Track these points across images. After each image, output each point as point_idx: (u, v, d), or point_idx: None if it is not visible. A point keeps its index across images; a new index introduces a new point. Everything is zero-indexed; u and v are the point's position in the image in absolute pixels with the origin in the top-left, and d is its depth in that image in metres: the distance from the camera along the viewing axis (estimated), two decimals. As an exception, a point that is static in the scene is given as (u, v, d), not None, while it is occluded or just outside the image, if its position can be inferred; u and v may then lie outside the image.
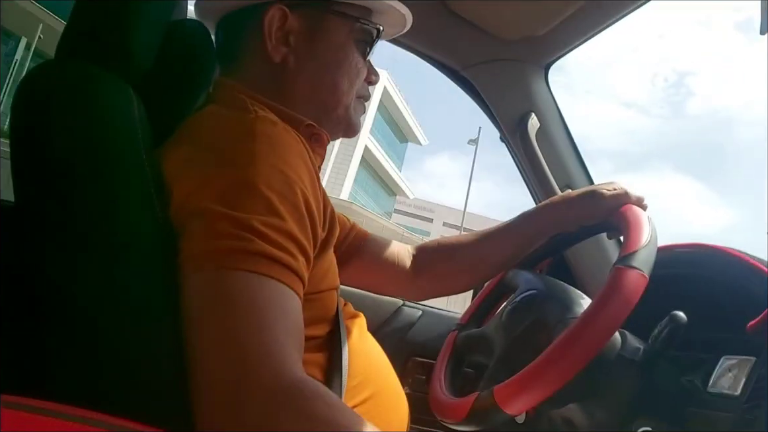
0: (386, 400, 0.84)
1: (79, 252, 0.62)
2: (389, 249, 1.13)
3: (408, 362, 1.36)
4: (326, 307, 0.81)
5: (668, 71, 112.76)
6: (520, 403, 0.74)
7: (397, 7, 0.92)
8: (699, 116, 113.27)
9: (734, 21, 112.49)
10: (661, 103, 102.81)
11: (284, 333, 0.59)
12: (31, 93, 0.66)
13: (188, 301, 0.61)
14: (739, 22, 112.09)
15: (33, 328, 0.62)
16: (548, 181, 1.36)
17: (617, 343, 0.80)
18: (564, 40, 1.27)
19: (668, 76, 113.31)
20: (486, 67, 1.34)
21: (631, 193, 0.95)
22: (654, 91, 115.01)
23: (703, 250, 0.97)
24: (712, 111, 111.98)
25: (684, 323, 0.77)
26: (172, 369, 0.60)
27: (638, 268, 0.75)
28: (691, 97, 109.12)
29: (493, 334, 0.93)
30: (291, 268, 0.63)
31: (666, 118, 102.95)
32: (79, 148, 0.63)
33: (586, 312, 0.75)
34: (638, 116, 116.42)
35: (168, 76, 0.77)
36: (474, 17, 1.21)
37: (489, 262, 1.09)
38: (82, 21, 0.70)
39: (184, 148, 0.71)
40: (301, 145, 0.74)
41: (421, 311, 1.45)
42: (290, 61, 0.85)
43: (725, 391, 0.76)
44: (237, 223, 0.62)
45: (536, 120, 1.35)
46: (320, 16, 0.87)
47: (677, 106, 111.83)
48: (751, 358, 0.76)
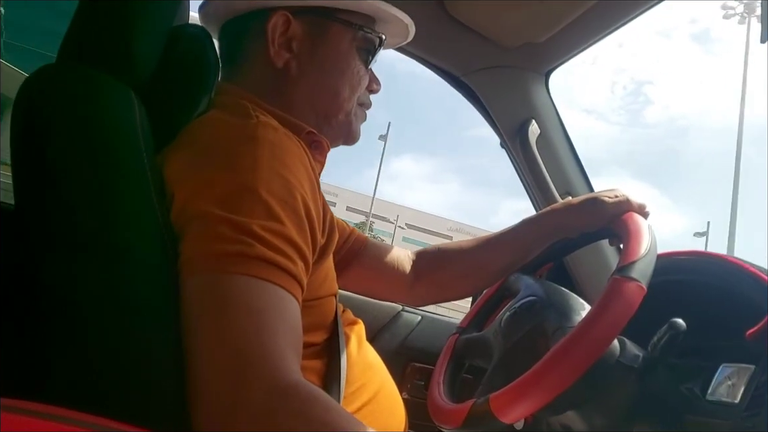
0: (384, 407, 0.84)
1: (80, 256, 0.62)
2: (389, 254, 1.13)
3: (407, 368, 1.36)
4: (325, 314, 0.81)
5: (627, 80, 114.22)
6: (516, 412, 0.74)
7: (400, 17, 0.92)
8: (656, 124, 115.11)
9: (691, 32, 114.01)
10: (619, 110, 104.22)
11: (283, 337, 0.60)
12: (32, 96, 0.66)
13: (187, 304, 0.61)
14: (695, 34, 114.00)
15: (33, 331, 0.62)
16: (548, 188, 1.36)
17: (616, 350, 0.80)
18: (564, 47, 1.27)
19: (627, 84, 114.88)
20: (486, 74, 1.34)
21: (632, 200, 0.94)
22: (613, 99, 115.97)
23: (703, 258, 0.97)
24: (669, 120, 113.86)
25: (683, 330, 0.77)
26: (172, 372, 0.60)
27: (636, 279, 0.75)
28: (649, 106, 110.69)
29: (492, 340, 0.93)
30: (290, 273, 0.64)
31: (624, 126, 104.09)
32: (80, 152, 0.63)
33: (582, 322, 0.75)
34: (598, 123, 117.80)
35: (170, 80, 0.77)
36: (475, 24, 1.22)
37: (489, 268, 1.08)
38: (84, 25, 0.70)
39: (185, 153, 0.71)
40: (302, 152, 0.74)
41: (421, 317, 1.46)
42: (292, 67, 0.86)
43: (724, 399, 0.76)
44: (237, 227, 0.62)
45: (536, 126, 1.35)
46: (324, 23, 0.87)
47: (635, 114, 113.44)
48: (750, 366, 0.76)
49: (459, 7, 1.17)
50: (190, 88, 0.78)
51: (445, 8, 1.18)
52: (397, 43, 1.02)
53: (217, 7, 0.89)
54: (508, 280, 1.05)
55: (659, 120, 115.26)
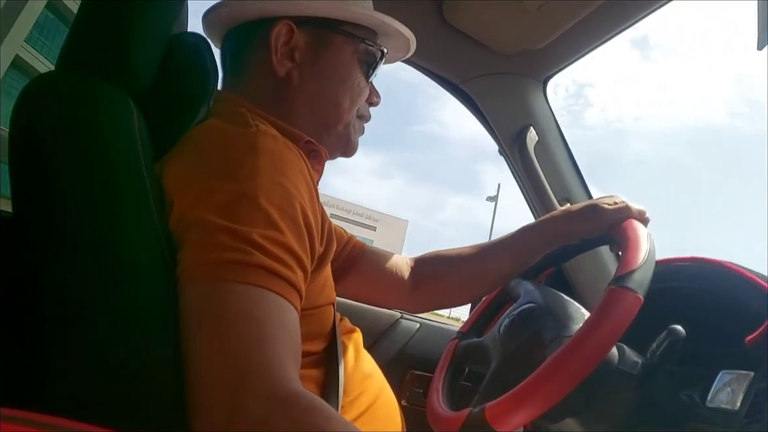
0: (382, 415, 0.83)
1: (78, 264, 0.62)
2: (387, 261, 1.13)
3: (405, 375, 1.36)
4: (323, 323, 0.80)
5: (569, 81, 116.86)
6: (511, 422, 0.73)
7: (402, 30, 0.93)
8: (595, 126, 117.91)
9: (630, 38, 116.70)
10: (561, 111, 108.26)
11: (282, 346, 0.59)
12: (30, 104, 0.66)
13: (186, 313, 0.61)
14: (635, 39, 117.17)
15: (32, 338, 0.62)
16: (547, 195, 1.36)
17: (615, 357, 0.80)
18: (562, 54, 1.28)
19: (569, 86, 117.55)
20: (484, 81, 1.35)
21: (632, 206, 0.94)
22: (555, 100, 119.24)
23: (702, 264, 0.97)
24: (606, 122, 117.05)
25: (682, 337, 0.76)
26: (171, 380, 0.60)
27: (633, 289, 0.75)
28: (589, 108, 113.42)
29: (491, 347, 0.93)
30: (289, 282, 0.63)
31: (566, 127, 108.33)
32: (78, 160, 0.63)
33: (578, 333, 0.74)
34: None
35: (169, 89, 0.77)
36: (472, 31, 1.22)
37: (488, 275, 1.08)
38: (82, 33, 0.70)
39: (184, 161, 0.71)
40: (301, 161, 0.74)
41: (419, 324, 1.45)
42: (294, 77, 0.86)
43: (724, 406, 0.76)
44: (236, 235, 0.62)
45: (534, 133, 1.35)
46: (327, 34, 0.88)
47: (576, 116, 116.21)
48: (749, 373, 0.76)
49: (457, 15, 1.18)
50: (189, 96, 0.78)
51: (443, 16, 1.19)
52: (399, 57, 1.03)
53: (221, 14, 0.90)
54: (508, 285, 1.05)
55: (597, 122, 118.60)
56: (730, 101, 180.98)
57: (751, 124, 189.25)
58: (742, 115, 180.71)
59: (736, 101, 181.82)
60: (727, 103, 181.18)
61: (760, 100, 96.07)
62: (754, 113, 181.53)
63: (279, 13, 0.85)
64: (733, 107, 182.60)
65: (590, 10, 1.10)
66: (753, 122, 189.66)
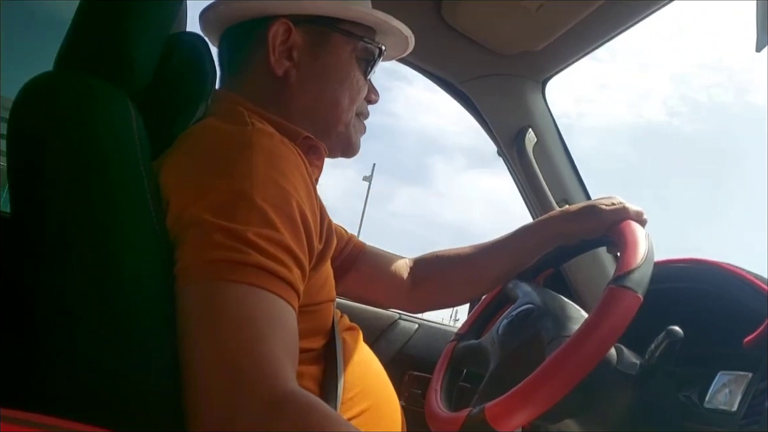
0: (382, 413, 0.83)
1: (75, 263, 0.61)
2: (386, 260, 1.13)
3: (404, 376, 1.36)
4: (322, 320, 0.80)
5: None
6: (511, 422, 0.73)
7: (400, 28, 0.93)
8: None
9: None
10: None
11: (279, 346, 0.59)
12: (29, 103, 0.66)
13: (183, 312, 0.61)
14: None
15: (31, 340, 0.62)
16: (545, 196, 1.37)
17: (613, 358, 0.79)
18: (561, 56, 1.28)
19: None
20: (483, 82, 1.35)
21: (630, 207, 0.95)
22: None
23: (700, 265, 0.97)
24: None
25: (680, 338, 0.76)
26: (168, 381, 0.60)
27: (632, 288, 0.75)
28: None
29: (489, 348, 0.93)
30: (286, 281, 0.63)
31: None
32: (75, 159, 0.63)
33: (578, 331, 0.74)
34: None
35: (166, 88, 0.77)
36: (471, 32, 1.22)
37: (487, 275, 1.08)
38: (80, 32, 0.70)
39: (181, 160, 0.71)
40: (298, 158, 0.74)
41: (418, 325, 1.45)
42: (292, 76, 0.86)
43: (722, 407, 0.76)
44: (233, 234, 0.62)
45: (533, 135, 1.35)
46: (325, 32, 0.88)
47: None
48: (747, 374, 0.76)
49: (456, 16, 1.18)
50: (187, 96, 0.78)
51: (442, 16, 1.19)
52: (397, 55, 1.02)
53: (219, 13, 0.89)
54: (506, 286, 1.05)
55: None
56: (669, 100, 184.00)
57: (690, 123, 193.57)
58: (681, 114, 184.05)
59: (675, 100, 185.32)
60: (667, 102, 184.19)
61: (698, 99, 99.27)
62: (692, 113, 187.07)
63: (277, 11, 0.85)
64: (672, 106, 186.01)
65: (589, 12, 1.10)
66: (692, 122, 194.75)
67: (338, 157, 0.95)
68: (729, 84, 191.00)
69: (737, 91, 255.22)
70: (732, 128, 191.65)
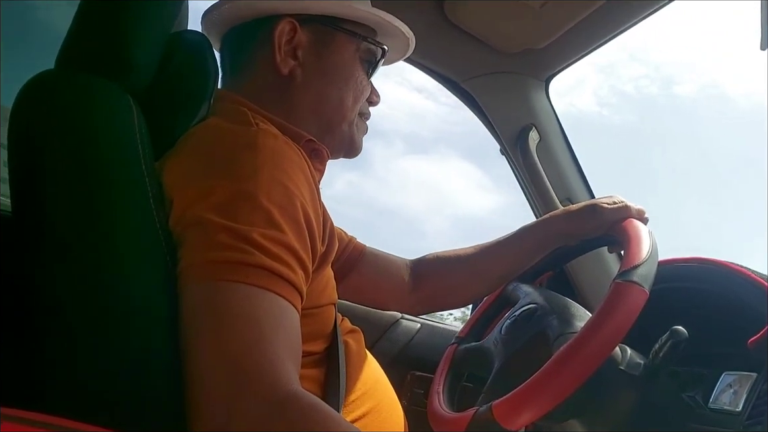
0: (384, 415, 0.83)
1: (77, 263, 0.61)
2: (387, 262, 1.12)
3: (406, 376, 1.35)
4: (324, 323, 0.80)
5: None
6: (520, 419, 0.73)
7: (402, 29, 0.93)
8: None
9: None
10: (447, 92, 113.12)
11: (281, 346, 0.59)
12: (30, 102, 0.66)
13: (186, 312, 0.61)
14: None
15: (32, 338, 0.62)
16: (549, 195, 1.36)
17: (618, 358, 0.79)
18: (565, 53, 1.27)
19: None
20: (486, 80, 1.34)
21: (631, 206, 0.95)
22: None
23: (704, 264, 0.96)
24: None
25: (685, 338, 0.76)
26: (170, 380, 0.60)
27: (638, 282, 0.75)
28: None
29: (492, 348, 0.92)
30: (290, 282, 0.63)
31: (452, 107, 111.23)
32: (77, 159, 0.63)
33: (585, 327, 0.74)
34: (427, 102, 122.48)
35: (169, 87, 0.77)
36: (474, 30, 1.22)
37: (488, 275, 1.08)
38: (82, 31, 0.70)
39: (184, 160, 0.70)
40: (302, 160, 0.74)
41: (420, 325, 1.45)
42: (297, 75, 0.86)
43: (726, 408, 0.76)
44: (237, 235, 0.61)
45: (537, 133, 1.35)
46: (329, 32, 0.88)
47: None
48: (752, 374, 0.75)
49: (459, 13, 1.17)
50: (190, 95, 0.78)
51: (444, 14, 1.18)
52: (397, 57, 1.03)
53: (223, 13, 0.89)
54: (506, 289, 1.05)
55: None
56: (598, 91, 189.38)
57: (618, 114, 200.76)
58: (610, 105, 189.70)
59: (604, 91, 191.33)
60: (597, 92, 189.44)
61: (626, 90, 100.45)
62: (621, 104, 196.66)
63: (282, 10, 0.85)
64: (602, 97, 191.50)
65: (593, 9, 1.10)
66: (620, 112, 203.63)
67: (340, 158, 0.94)
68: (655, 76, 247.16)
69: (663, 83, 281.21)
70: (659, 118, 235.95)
